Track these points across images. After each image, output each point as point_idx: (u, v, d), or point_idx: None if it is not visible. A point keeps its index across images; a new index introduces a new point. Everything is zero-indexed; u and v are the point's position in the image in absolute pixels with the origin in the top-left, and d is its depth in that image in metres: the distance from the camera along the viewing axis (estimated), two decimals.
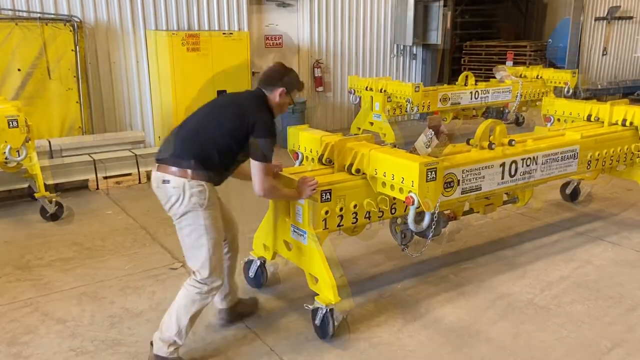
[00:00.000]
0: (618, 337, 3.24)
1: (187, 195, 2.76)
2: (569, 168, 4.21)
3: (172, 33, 6.96)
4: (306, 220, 3.15)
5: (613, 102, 4.84)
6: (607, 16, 12.93)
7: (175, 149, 2.83)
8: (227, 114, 2.90)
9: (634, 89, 12.89)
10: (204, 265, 2.85)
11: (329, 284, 3.08)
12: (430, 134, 3.32)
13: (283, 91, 3.00)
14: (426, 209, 3.08)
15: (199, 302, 2.88)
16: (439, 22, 9.67)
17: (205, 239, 2.83)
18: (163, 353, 2.86)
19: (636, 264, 4.19)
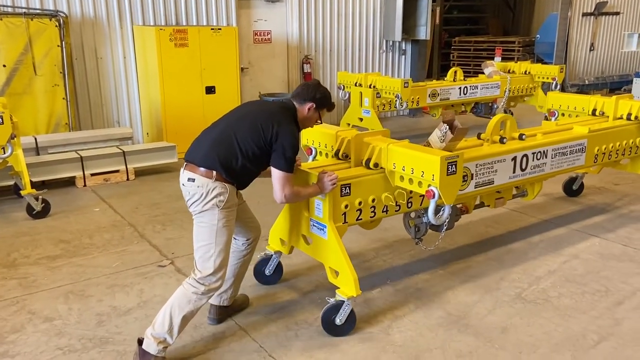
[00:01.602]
0: (605, 330, 3.27)
1: (209, 195, 2.85)
2: (577, 162, 4.27)
3: (159, 28, 6.90)
4: (326, 215, 3.17)
5: (618, 96, 4.89)
6: (595, 11, 13.02)
7: (203, 151, 2.93)
8: (256, 120, 2.95)
9: (621, 84, 13.02)
10: (207, 264, 2.90)
11: (351, 277, 3.11)
12: (445, 129, 3.35)
13: (312, 106, 3.10)
14: (447, 202, 3.13)
15: (194, 302, 2.90)
16: (428, 17, 9.67)
17: (215, 239, 2.89)
18: (152, 350, 2.85)
19: (622, 258, 4.23)
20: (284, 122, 2.95)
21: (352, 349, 3.10)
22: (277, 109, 3.07)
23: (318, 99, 3.11)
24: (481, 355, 3.04)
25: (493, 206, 4.11)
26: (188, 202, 2.95)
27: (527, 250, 4.38)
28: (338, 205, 3.18)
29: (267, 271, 3.77)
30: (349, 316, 3.18)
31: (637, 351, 3.06)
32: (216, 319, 3.32)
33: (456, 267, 4.08)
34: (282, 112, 3.03)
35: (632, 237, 4.62)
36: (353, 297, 3.12)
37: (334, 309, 3.17)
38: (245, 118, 3.01)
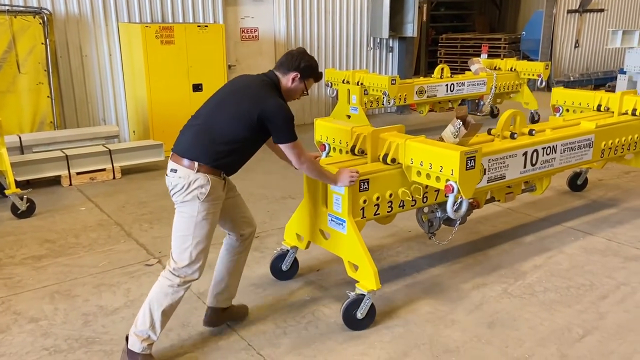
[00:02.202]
0: (590, 324, 3.31)
1: (190, 187, 2.78)
2: (584, 157, 4.34)
3: (145, 25, 6.84)
4: (345, 210, 3.21)
5: (623, 92, 4.97)
6: (579, 8, 13.14)
7: (187, 141, 2.86)
8: (235, 104, 2.85)
9: (605, 81, 13.16)
10: (182, 255, 2.83)
11: (371, 271, 3.15)
12: (459, 124, 3.39)
13: (297, 76, 2.96)
14: (466, 197, 3.18)
15: (171, 295, 2.83)
16: (415, 14, 9.70)
17: (193, 230, 2.81)
18: (136, 348, 2.81)
19: (606, 253, 4.29)
20: (268, 99, 2.83)
21: (340, 346, 3.11)
22: (258, 87, 2.91)
23: (302, 68, 2.96)
24: (468, 350, 3.06)
25: (503, 201, 4.17)
26: (170, 192, 2.88)
27: (513, 245, 4.42)
28: (357, 201, 3.24)
29: (284, 267, 3.80)
30: (369, 310, 3.23)
31: (621, 344, 3.10)
32: (210, 321, 3.22)
33: (442, 264, 4.10)
34: (264, 89, 2.89)
35: (615, 232, 4.68)
36: (373, 290, 3.16)
37: (355, 304, 3.20)
38: (227, 103, 2.88)
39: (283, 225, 4.84)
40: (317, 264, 4.07)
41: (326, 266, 4.04)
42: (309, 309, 3.47)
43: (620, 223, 4.87)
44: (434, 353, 3.04)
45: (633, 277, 3.88)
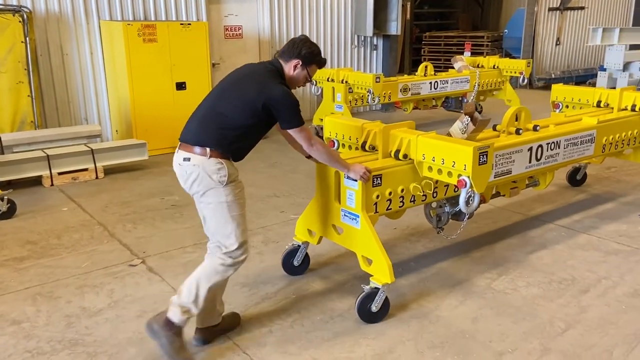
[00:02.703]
0: (572, 318, 3.36)
1: (207, 173, 2.79)
2: (586, 152, 4.42)
3: (127, 23, 6.77)
4: (359, 205, 3.25)
5: (622, 88, 5.06)
6: (560, 6, 13.30)
7: (195, 129, 2.88)
8: (240, 92, 2.88)
9: (586, 78, 13.34)
10: (229, 239, 2.88)
11: (385, 264, 3.19)
12: (467, 120, 3.47)
13: (298, 63, 2.98)
14: (478, 191, 3.23)
15: (222, 273, 2.89)
16: (399, 12, 9.73)
17: (229, 215, 2.85)
18: (176, 319, 2.83)
19: (587, 247, 4.35)
20: (272, 86, 2.85)
21: (326, 343, 3.11)
22: (262, 75, 2.93)
23: (304, 55, 2.97)
24: (452, 345, 3.09)
25: (508, 195, 4.22)
26: (187, 183, 2.87)
27: (495, 240, 4.46)
28: (370, 196, 3.28)
29: (296, 262, 3.84)
30: (383, 303, 3.28)
31: (603, 337, 3.15)
32: (202, 338, 3.08)
33: (426, 259, 4.13)
34: (268, 77, 2.91)
35: (596, 226, 4.75)
36: (387, 284, 3.21)
37: (369, 297, 3.26)
38: (232, 91, 2.91)
39: (268, 224, 4.85)
40: None
41: (313, 265, 4.04)
42: (294, 308, 3.48)
43: (601, 218, 4.95)
44: (418, 349, 3.06)
45: (613, 271, 3.94)
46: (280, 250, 4.29)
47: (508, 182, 4.06)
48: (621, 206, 5.26)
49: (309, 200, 5.42)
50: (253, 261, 4.13)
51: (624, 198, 5.47)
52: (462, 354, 3.02)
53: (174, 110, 7.14)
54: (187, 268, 4.01)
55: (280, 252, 4.25)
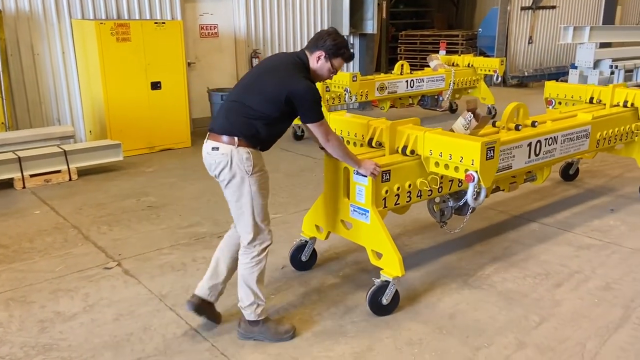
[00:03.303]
0: (546, 312, 3.42)
1: (234, 162, 2.88)
2: (582, 147, 4.51)
3: (100, 22, 6.66)
4: (369, 200, 3.30)
5: (614, 84, 5.20)
6: (532, 5, 13.52)
7: (222, 120, 2.97)
8: (265, 84, 2.95)
9: (558, 75, 13.57)
10: (248, 230, 2.98)
11: (396, 258, 3.25)
12: (470, 117, 3.55)
13: (322, 55, 3.00)
14: (485, 186, 3.32)
15: (257, 265, 3.02)
16: (374, 11, 9.77)
17: (250, 204, 2.94)
18: (253, 317, 3.06)
19: (560, 242, 4.44)
20: (295, 81, 2.90)
21: (305, 342, 3.11)
22: (287, 68, 2.97)
23: (327, 47, 2.98)
24: (430, 341, 3.12)
25: (507, 190, 4.29)
26: (215, 171, 2.96)
27: (473, 238, 4.52)
28: (379, 191, 3.34)
29: (304, 257, 3.89)
30: (393, 296, 3.34)
31: (576, 330, 3.22)
32: (195, 304, 3.15)
33: (407, 258, 4.16)
34: (292, 71, 2.96)
35: (569, 221, 4.85)
36: (398, 277, 3.27)
37: (380, 290, 3.32)
38: (258, 83, 2.98)
39: None
40: (283, 261, 4.06)
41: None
42: (273, 308, 3.47)
43: (574, 213, 5.05)
44: (397, 346, 3.08)
45: (586, 265, 4.03)
46: None
47: (508, 177, 4.15)
48: (595, 201, 5.37)
49: (290, 199, 5.45)
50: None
51: (601, 192, 5.59)
52: (440, 350, 3.05)
53: (149, 110, 7.06)
54: (164, 270, 3.98)
55: None
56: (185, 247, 4.37)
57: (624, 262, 4.07)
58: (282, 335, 3.11)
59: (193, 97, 8.32)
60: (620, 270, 3.94)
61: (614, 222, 4.82)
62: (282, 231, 4.65)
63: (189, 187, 5.89)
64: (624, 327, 3.25)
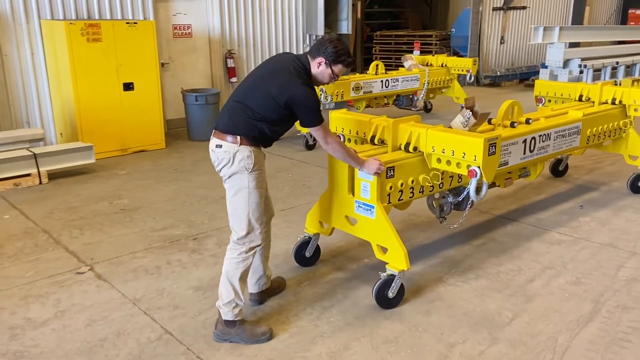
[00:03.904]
0: (518, 307, 3.48)
1: (236, 159, 3.00)
2: (573, 143, 4.63)
3: (69, 23, 6.53)
4: (374, 196, 3.38)
5: (603, 83, 5.35)
6: (504, 6, 13.73)
7: (226, 119, 3.08)
8: (265, 88, 3.03)
9: (529, 75, 13.83)
10: (241, 225, 3.08)
11: (401, 252, 3.33)
12: (468, 114, 3.66)
13: (322, 62, 3.07)
14: (487, 181, 3.42)
15: (242, 262, 3.09)
16: (349, 12, 9.81)
17: (246, 200, 3.05)
18: (230, 317, 3.10)
19: (531, 238, 4.52)
20: (294, 86, 2.97)
21: (282, 343, 3.11)
22: (287, 74, 3.02)
23: (328, 54, 3.05)
24: (406, 339, 3.15)
25: (503, 186, 4.38)
26: (218, 167, 3.10)
27: (445, 234, 4.57)
28: (384, 187, 3.41)
29: (308, 253, 3.94)
30: (399, 289, 3.43)
31: (548, 325, 3.29)
32: (257, 300, 3.48)
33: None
34: (292, 76, 3.01)
35: (540, 217, 4.95)
36: (403, 270, 3.35)
37: (386, 284, 3.40)
38: (259, 86, 3.06)
39: (222, 226, 4.79)
40: None
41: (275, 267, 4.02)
42: (249, 309, 3.45)
43: (544, 209, 5.15)
44: (373, 344, 3.10)
45: (557, 261, 4.11)
46: None
47: (504, 172, 4.23)
48: (567, 198, 5.49)
49: None
50: (206, 263, 4.08)
51: (583, 188, 5.71)
52: (416, 347, 3.08)
53: (122, 112, 6.95)
54: (138, 274, 3.93)
55: None
56: (159, 250, 4.32)
57: (594, 257, 4.17)
58: (259, 337, 3.12)
59: (167, 98, 8.22)
60: (590, 265, 4.03)
61: (583, 218, 4.94)
62: None
63: (163, 189, 5.82)
64: (594, 320, 3.33)
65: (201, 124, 7.91)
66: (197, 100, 7.78)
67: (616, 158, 6.47)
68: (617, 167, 6.39)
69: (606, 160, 6.68)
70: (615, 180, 5.96)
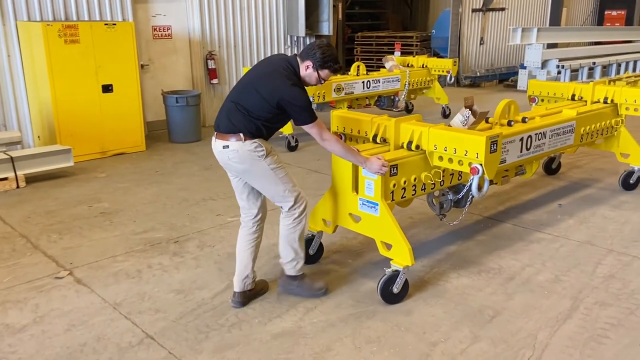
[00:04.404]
0: (499, 305, 3.52)
1: (246, 154, 3.21)
2: (567, 141, 4.71)
3: (46, 24, 6.43)
4: (378, 193, 3.46)
5: (595, 82, 5.45)
6: (483, 7, 13.89)
7: (225, 121, 3.26)
8: (258, 91, 3.21)
9: (508, 75, 14.00)
10: (285, 199, 3.35)
11: (406, 248, 3.41)
12: (467, 113, 3.75)
13: (310, 65, 3.24)
14: (489, 177, 3.53)
15: (298, 225, 3.41)
16: (330, 13, 9.82)
17: (277, 178, 3.30)
18: (292, 272, 3.50)
19: (512, 237, 4.58)
20: (283, 88, 3.15)
21: (264, 345, 3.10)
22: (277, 75, 3.20)
23: (316, 59, 3.21)
24: (389, 339, 3.16)
25: (500, 184, 4.43)
26: (230, 165, 3.29)
27: (427, 235, 4.61)
28: (387, 185, 3.50)
29: (311, 251, 3.99)
30: (403, 284, 3.50)
31: (528, 322, 3.33)
32: (240, 302, 3.50)
33: (361, 257, 4.20)
34: (283, 78, 3.18)
35: (521, 216, 5.01)
36: (408, 266, 3.43)
37: (391, 280, 3.48)
38: (252, 88, 3.24)
39: (204, 228, 4.77)
40: None
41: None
42: (232, 311, 3.44)
43: (524, 207, 5.22)
44: (356, 345, 3.11)
45: (536, 259, 4.17)
46: (215, 255, 4.23)
47: (501, 170, 4.28)
48: (545, 196, 5.57)
49: None
50: (188, 266, 4.05)
51: (557, 188, 5.80)
52: (398, 346, 3.09)
53: (101, 114, 6.87)
54: (119, 277, 3.88)
55: (215, 257, 4.20)
56: (140, 254, 4.28)
57: (572, 255, 4.24)
58: (316, 291, 3.56)
59: (147, 99, 8.15)
60: (568, 263, 4.10)
61: (562, 217, 5.01)
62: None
63: (144, 191, 5.76)
64: (573, 317, 3.38)
65: (182, 126, 7.86)
66: (177, 102, 7.73)
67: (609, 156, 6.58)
68: (605, 164, 6.51)
69: (599, 158, 6.79)
70: (605, 177, 6.08)
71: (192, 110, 7.85)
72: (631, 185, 5.64)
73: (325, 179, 5.49)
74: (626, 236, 4.56)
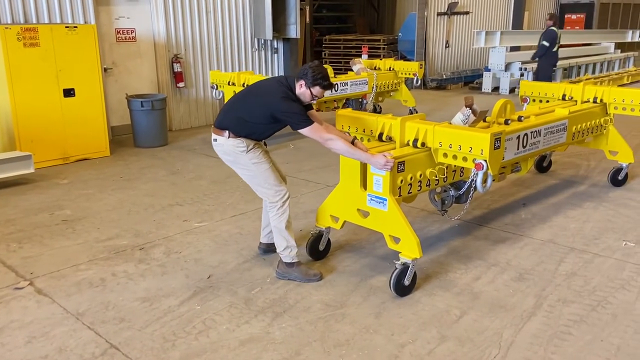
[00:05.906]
0: (466, 305, 3.57)
1: (230, 148, 3.68)
2: (560, 139, 4.87)
3: (5, 27, 6.24)
4: (387, 189, 3.59)
5: (585, 82, 5.65)
6: (448, 11, 14.13)
7: (221, 118, 3.74)
8: (252, 104, 3.64)
9: (474, 78, 14.28)
10: (267, 191, 3.76)
11: (414, 241, 3.54)
12: (468, 112, 3.89)
13: (302, 83, 3.55)
14: (493, 173, 3.66)
15: (282, 215, 3.75)
16: (297, 16, 9.82)
17: (257, 172, 3.72)
18: (288, 260, 3.82)
19: (479, 237, 4.65)
20: (274, 102, 3.52)
21: (232, 352, 3.06)
22: (272, 92, 3.58)
23: (308, 78, 3.52)
24: (357, 341, 3.16)
25: (497, 180, 4.52)
26: (221, 156, 3.78)
27: None
28: (395, 181, 3.62)
29: (321, 247, 4.13)
30: (413, 276, 3.64)
31: (493, 321, 3.38)
32: (267, 250, 4.15)
33: (332, 259, 4.20)
34: (274, 93, 3.55)
35: (487, 217, 5.10)
36: (416, 258, 3.57)
37: (402, 273, 3.60)
38: (249, 100, 3.66)
39: (171, 234, 4.69)
40: (211, 270, 3.99)
41: (218, 271, 3.96)
42: (199, 318, 3.39)
43: (489, 207, 5.31)
44: (325, 349, 3.10)
45: (501, 258, 4.25)
46: (182, 261, 4.17)
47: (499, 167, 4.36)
48: (513, 195, 5.68)
49: (216, 207, 5.34)
50: (154, 274, 3.98)
51: (527, 187, 5.92)
52: (367, 349, 3.10)
53: (63, 119, 6.70)
54: (81, 287, 3.79)
55: (182, 263, 4.14)
56: (104, 262, 4.18)
57: (535, 253, 4.33)
58: (311, 277, 3.83)
59: (111, 104, 7.99)
60: (532, 261, 4.19)
61: (525, 216, 5.12)
62: (207, 240, 4.56)
63: (108, 198, 5.64)
64: (537, 315, 3.45)
65: (147, 131, 7.73)
66: (142, 106, 7.59)
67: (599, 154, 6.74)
68: (594, 162, 6.68)
69: (590, 156, 6.96)
70: (594, 175, 6.23)
71: (157, 114, 7.73)
72: (619, 181, 5.87)
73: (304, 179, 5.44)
74: (587, 234, 4.69)
